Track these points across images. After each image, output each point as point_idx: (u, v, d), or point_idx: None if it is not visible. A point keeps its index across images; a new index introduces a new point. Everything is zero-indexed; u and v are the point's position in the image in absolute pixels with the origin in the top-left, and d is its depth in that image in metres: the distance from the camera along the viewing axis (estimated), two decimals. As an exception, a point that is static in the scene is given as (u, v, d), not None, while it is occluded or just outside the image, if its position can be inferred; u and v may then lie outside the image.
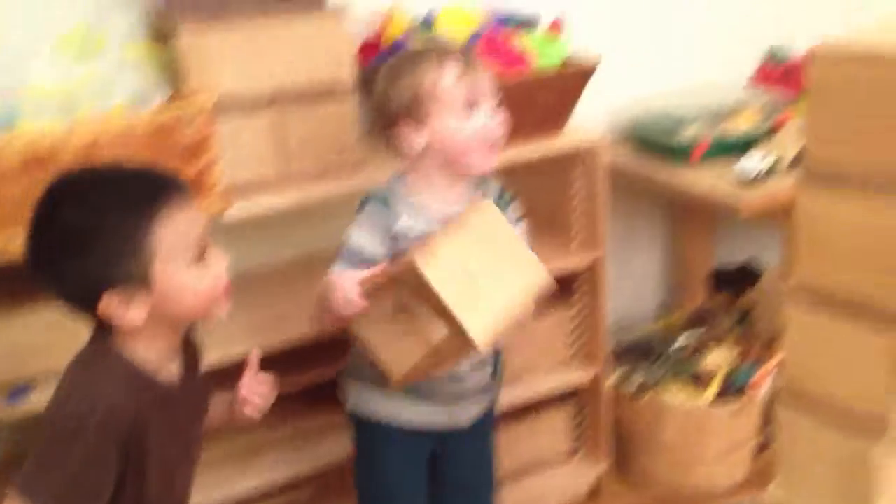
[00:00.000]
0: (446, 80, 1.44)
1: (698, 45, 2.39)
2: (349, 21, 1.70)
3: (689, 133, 2.14)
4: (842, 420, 1.23)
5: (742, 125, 2.18)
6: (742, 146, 2.12)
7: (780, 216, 2.01)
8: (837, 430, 1.24)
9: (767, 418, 2.10)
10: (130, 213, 1.10)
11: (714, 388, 2.10)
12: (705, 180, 2.05)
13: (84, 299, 1.12)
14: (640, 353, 2.22)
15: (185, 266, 1.13)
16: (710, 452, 2.10)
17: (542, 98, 1.87)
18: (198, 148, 1.52)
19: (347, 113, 1.73)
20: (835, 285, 1.19)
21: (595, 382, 2.07)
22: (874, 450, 1.21)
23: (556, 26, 2.00)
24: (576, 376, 2.06)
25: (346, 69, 1.71)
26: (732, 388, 2.12)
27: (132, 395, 1.14)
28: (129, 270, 1.10)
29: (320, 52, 1.68)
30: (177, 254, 1.12)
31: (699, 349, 2.18)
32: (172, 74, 1.60)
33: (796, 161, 2.01)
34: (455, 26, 1.93)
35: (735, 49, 2.44)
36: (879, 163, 1.12)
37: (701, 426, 2.08)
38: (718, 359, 2.15)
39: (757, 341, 2.24)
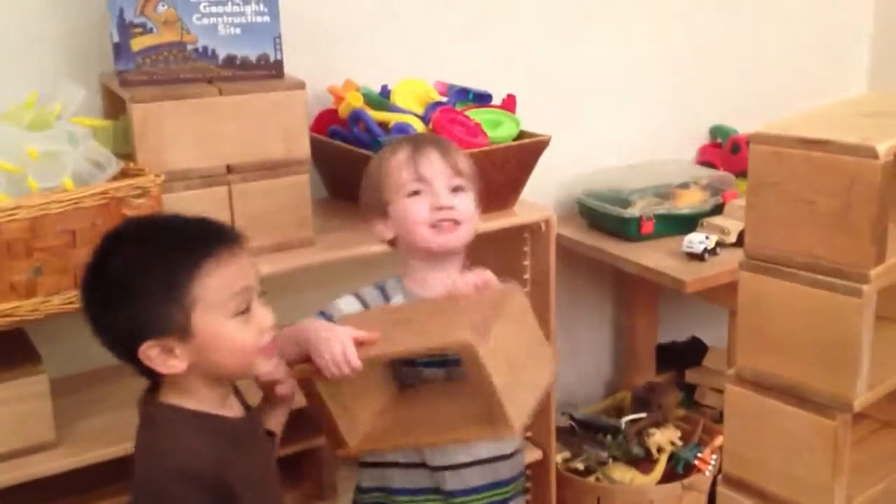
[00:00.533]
0: (393, 164, 1.47)
1: (646, 123, 2.45)
2: (305, 94, 1.71)
3: (636, 209, 2.18)
4: (785, 506, 1.25)
5: (687, 202, 2.22)
6: (688, 223, 2.16)
7: (724, 294, 2.05)
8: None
9: (713, 499, 2.11)
10: (174, 261, 1.11)
11: (660, 469, 2.11)
12: (651, 256, 2.09)
13: (125, 347, 1.13)
14: (587, 432, 2.23)
15: (226, 318, 1.13)
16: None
17: (496, 171, 1.89)
18: (148, 223, 1.51)
19: (302, 186, 1.73)
20: (775, 369, 1.22)
21: (544, 461, 2.06)
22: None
23: (509, 102, 2.04)
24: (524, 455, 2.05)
25: (302, 142, 1.71)
26: (678, 468, 2.13)
27: (204, 439, 1.15)
28: (170, 319, 1.11)
29: (276, 125, 1.68)
30: (219, 305, 1.12)
31: (645, 429, 2.19)
32: (123, 148, 1.58)
33: (740, 239, 2.05)
34: (410, 99, 1.96)
35: (681, 127, 2.51)
36: (815, 248, 1.16)
37: (648, 507, 2.08)
38: (663, 439, 2.16)
39: (701, 421, 2.26)
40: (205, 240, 1.14)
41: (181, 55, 1.62)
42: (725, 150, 2.47)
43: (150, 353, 1.11)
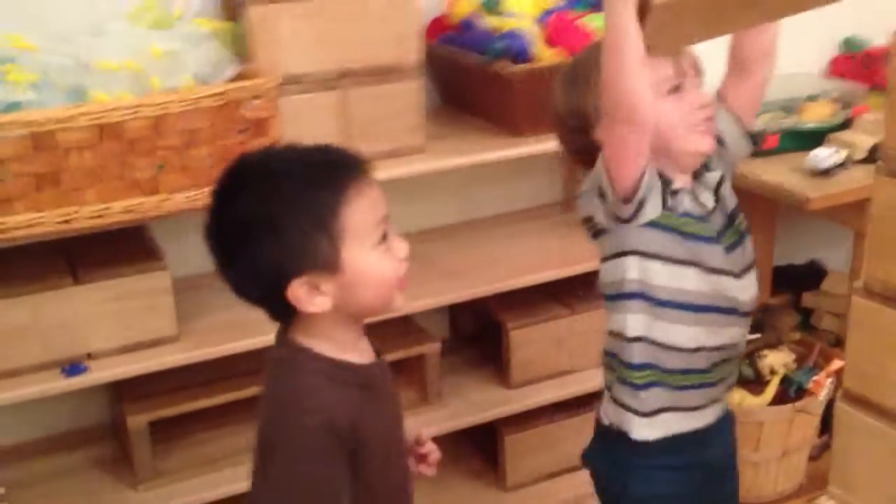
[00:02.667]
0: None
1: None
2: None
3: (759, 123, 2.09)
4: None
5: (815, 117, 2.12)
6: (814, 138, 2.06)
7: (849, 213, 1.96)
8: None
9: (824, 425, 2.06)
10: (318, 193, 1.06)
11: (771, 392, 2.06)
12: (774, 172, 2.00)
13: (272, 287, 1.07)
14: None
15: (371, 248, 1.08)
16: (765, 456, 2.07)
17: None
18: (262, 125, 1.53)
19: (414, 92, 1.73)
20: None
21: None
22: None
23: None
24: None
25: (412, 48, 1.70)
26: (790, 391, 2.07)
27: (341, 392, 1.10)
28: (320, 253, 1.05)
29: (388, 30, 1.67)
30: (365, 235, 1.07)
31: (757, 350, 2.13)
32: (241, 51, 1.60)
33: (871, 156, 1.95)
34: (525, 3, 1.91)
35: (810, 39, 2.37)
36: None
37: (757, 429, 2.04)
38: (776, 361, 2.10)
39: (817, 345, 2.19)
40: (342, 168, 1.09)
41: (297, -42, 1.61)
42: (857, 63, 2.33)
43: (299, 291, 1.06)
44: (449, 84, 2.01)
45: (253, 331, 1.61)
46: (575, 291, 1.99)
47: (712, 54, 1.34)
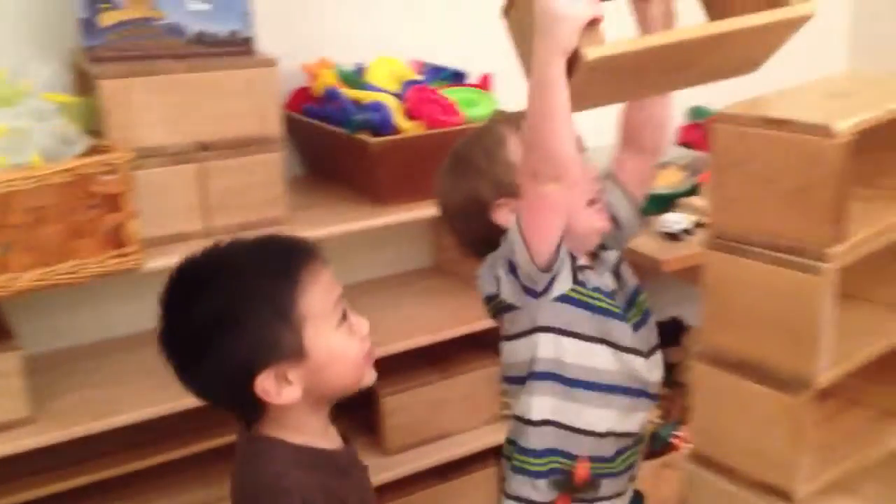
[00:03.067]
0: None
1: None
2: (277, 71, 1.70)
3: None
4: (749, 482, 1.26)
5: (666, 182, 2.22)
6: (665, 203, 2.16)
7: (699, 274, 2.05)
8: (748, 491, 1.26)
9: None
10: (273, 283, 1.05)
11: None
12: (630, 235, 2.08)
13: (239, 385, 1.05)
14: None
15: (334, 330, 1.08)
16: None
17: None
18: (115, 200, 1.50)
19: (275, 164, 1.73)
20: (740, 346, 1.23)
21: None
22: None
23: (485, 82, 2.03)
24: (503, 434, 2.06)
25: (273, 120, 1.71)
26: (655, 446, 2.14)
27: (317, 475, 1.09)
28: (283, 342, 1.05)
29: (247, 103, 1.67)
30: (325, 318, 1.07)
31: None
32: (94, 125, 1.58)
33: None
34: (385, 77, 1.95)
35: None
36: (778, 228, 1.16)
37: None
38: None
39: (679, 400, 2.27)
40: (293, 256, 1.09)
41: (150, 31, 1.61)
42: (704, 131, 2.47)
43: (267, 384, 1.05)
44: (313, 154, 2.03)
45: (111, 410, 1.58)
46: (447, 356, 2.01)
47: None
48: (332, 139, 1.86)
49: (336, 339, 1.09)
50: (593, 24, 1.04)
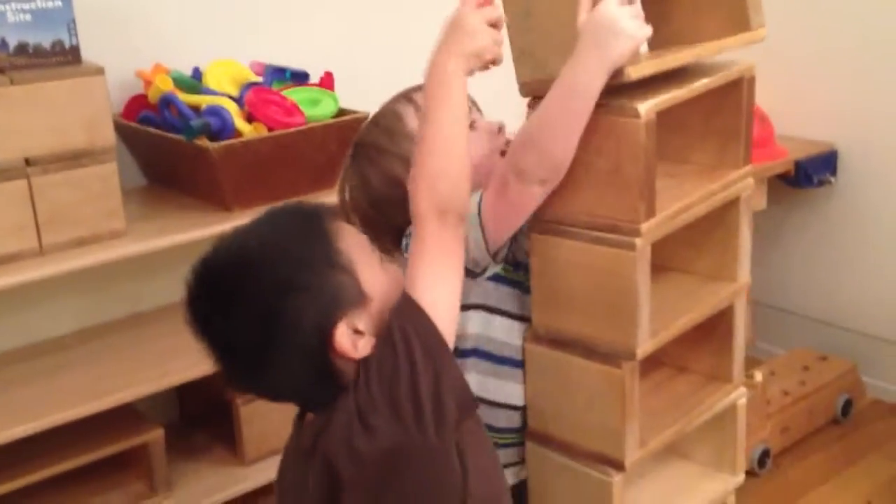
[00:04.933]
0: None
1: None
2: (104, 80, 1.66)
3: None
4: (583, 454, 1.31)
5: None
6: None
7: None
8: (582, 463, 1.31)
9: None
10: (311, 240, 1.03)
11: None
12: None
13: (318, 355, 1.01)
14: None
15: (380, 269, 1.08)
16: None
17: (315, 151, 1.90)
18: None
19: (109, 176, 1.70)
20: (567, 325, 1.27)
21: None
22: (615, 481, 1.29)
23: (327, 80, 2.04)
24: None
25: (104, 130, 1.68)
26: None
27: None
28: (345, 289, 1.02)
29: (75, 115, 1.64)
30: (368, 258, 1.07)
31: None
32: None
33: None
34: (224, 80, 1.94)
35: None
36: (594, 207, 1.21)
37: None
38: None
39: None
40: (316, 214, 1.07)
41: (-35, 46, 1.56)
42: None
43: (343, 340, 1.01)
44: (154, 163, 1.99)
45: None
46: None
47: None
48: (172, 146, 1.84)
49: (385, 277, 1.08)
50: None
